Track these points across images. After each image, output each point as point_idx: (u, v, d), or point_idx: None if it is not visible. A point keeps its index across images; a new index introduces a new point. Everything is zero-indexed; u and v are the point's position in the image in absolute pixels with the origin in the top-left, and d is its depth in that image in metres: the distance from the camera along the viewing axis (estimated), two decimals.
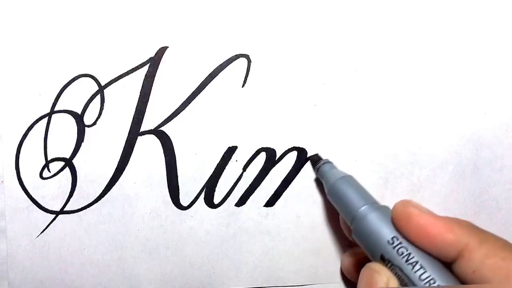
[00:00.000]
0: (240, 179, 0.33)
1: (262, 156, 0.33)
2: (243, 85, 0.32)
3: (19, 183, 0.32)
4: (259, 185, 0.33)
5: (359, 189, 0.29)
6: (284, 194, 0.33)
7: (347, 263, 0.31)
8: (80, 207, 0.32)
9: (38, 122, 0.32)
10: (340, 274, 0.33)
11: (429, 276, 0.24)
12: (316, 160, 0.32)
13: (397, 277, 0.24)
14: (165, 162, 0.32)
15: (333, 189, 0.29)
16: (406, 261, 0.24)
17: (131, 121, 0.32)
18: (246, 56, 0.32)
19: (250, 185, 0.33)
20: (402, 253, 0.25)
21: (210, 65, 0.32)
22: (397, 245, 0.25)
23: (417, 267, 0.24)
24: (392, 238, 0.25)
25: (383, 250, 0.25)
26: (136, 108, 0.32)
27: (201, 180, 0.33)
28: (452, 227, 0.24)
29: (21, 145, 0.32)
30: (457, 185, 0.33)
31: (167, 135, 0.32)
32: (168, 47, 0.32)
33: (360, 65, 0.32)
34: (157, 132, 0.32)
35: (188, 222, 0.33)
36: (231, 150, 0.32)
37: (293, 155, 0.33)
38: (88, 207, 0.32)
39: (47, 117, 0.32)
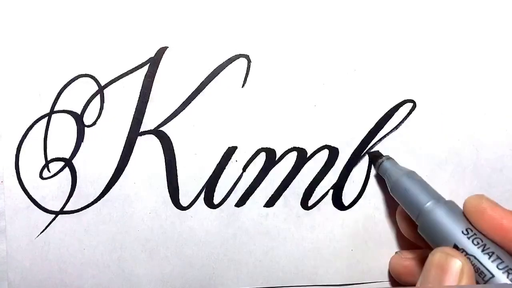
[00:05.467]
0: (240, 179, 0.33)
1: (262, 156, 0.33)
2: (243, 85, 0.32)
3: (19, 183, 0.32)
4: (259, 185, 0.33)
5: (424, 185, 0.29)
6: (284, 194, 0.33)
7: (400, 264, 0.31)
8: (80, 207, 0.32)
9: (38, 122, 0.32)
10: (342, 275, 0.33)
11: (507, 266, 0.24)
12: (377, 156, 0.32)
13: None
14: (165, 162, 0.32)
15: (397, 186, 0.30)
16: (482, 251, 0.25)
17: (131, 121, 0.32)
18: (246, 56, 0.32)
19: (250, 185, 0.33)
20: (478, 243, 0.25)
21: (210, 65, 0.32)
22: (472, 235, 0.25)
23: (494, 257, 0.24)
24: (466, 229, 0.26)
25: (456, 240, 0.25)
26: (136, 108, 0.32)
27: (201, 180, 0.33)
28: None
29: (21, 145, 0.32)
30: (457, 185, 0.33)
31: (167, 135, 0.32)
32: (168, 47, 0.32)
33: (360, 65, 0.32)
34: (157, 132, 0.32)
35: (188, 222, 0.33)
36: (231, 150, 0.32)
37: (293, 155, 0.33)
38: (88, 207, 0.32)
39: (47, 117, 0.32)
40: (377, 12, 0.32)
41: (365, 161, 0.33)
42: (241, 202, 0.33)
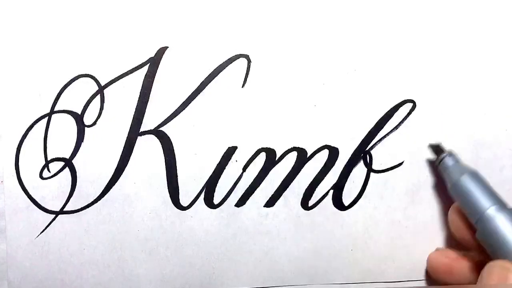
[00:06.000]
0: (240, 179, 0.33)
1: (262, 156, 0.33)
2: (243, 85, 0.32)
3: (19, 183, 0.32)
4: (259, 185, 0.33)
5: (486, 188, 0.28)
6: (284, 194, 0.33)
7: (439, 261, 0.31)
8: (80, 207, 0.32)
9: (38, 122, 0.32)
10: (342, 275, 0.33)
11: None
12: (439, 151, 0.31)
13: None
14: (165, 162, 0.32)
15: (458, 186, 0.29)
16: None
17: (131, 121, 0.32)
18: (246, 56, 0.32)
19: (250, 185, 0.33)
20: None
21: (210, 65, 0.32)
22: None
23: None
24: None
25: None
26: (136, 108, 0.32)
27: (201, 180, 0.33)
28: None
29: (21, 145, 0.32)
30: None
31: (167, 135, 0.32)
32: (168, 47, 0.32)
33: (360, 65, 0.32)
34: (157, 132, 0.32)
35: (188, 222, 0.33)
36: (231, 150, 0.32)
37: (293, 155, 0.33)
38: (88, 207, 0.32)
39: (47, 117, 0.32)
40: (377, 12, 0.32)
41: (365, 161, 0.33)
42: (241, 202, 0.33)
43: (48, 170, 0.32)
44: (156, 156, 0.32)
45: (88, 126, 0.32)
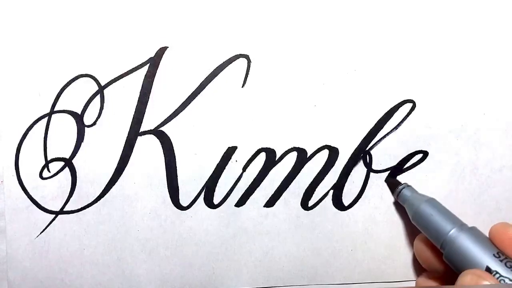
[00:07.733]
0: (240, 179, 0.33)
1: (262, 156, 0.33)
2: (243, 85, 0.32)
3: (19, 183, 0.32)
4: (259, 185, 0.33)
5: (445, 212, 0.29)
6: (284, 194, 0.33)
7: (427, 284, 0.31)
8: (79, 207, 0.32)
9: (38, 122, 0.32)
10: (342, 275, 0.33)
11: None
12: (395, 184, 0.32)
13: None
14: (165, 162, 0.32)
15: (419, 214, 0.30)
16: None
17: (131, 121, 0.32)
18: (246, 56, 0.32)
19: (250, 185, 0.33)
20: (511, 266, 0.25)
21: (210, 65, 0.32)
22: (504, 259, 0.26)
23: None
24: (497, 252, 0.26)
25: (489, 263, 0.26)
26: (136, 108, 0.32)
27: (201, 180, 0.33)
28: None
29: (21, 145, 0.32)
30: (456, 185, 0.33)
31: (167, 135, 0.32)
32: (168, 47, 0.32)
33: (360, 65, 0.32)
34: (157, 132, 0.32)
35: (188, 222, 0.33)
36: (231, 150, 0.32)
37: (293, 155, 0.33)
38: (88, 207, 0.32)
39: (47, 117, 0.32)
40: (377, 13, 0.32)
41: (365, 161, 0.33)
42: (241, 202, 0.33)
43: (48, 170, 0.32)
44: (156, 156, 0.32)
45: (88, 126, 0.32)
